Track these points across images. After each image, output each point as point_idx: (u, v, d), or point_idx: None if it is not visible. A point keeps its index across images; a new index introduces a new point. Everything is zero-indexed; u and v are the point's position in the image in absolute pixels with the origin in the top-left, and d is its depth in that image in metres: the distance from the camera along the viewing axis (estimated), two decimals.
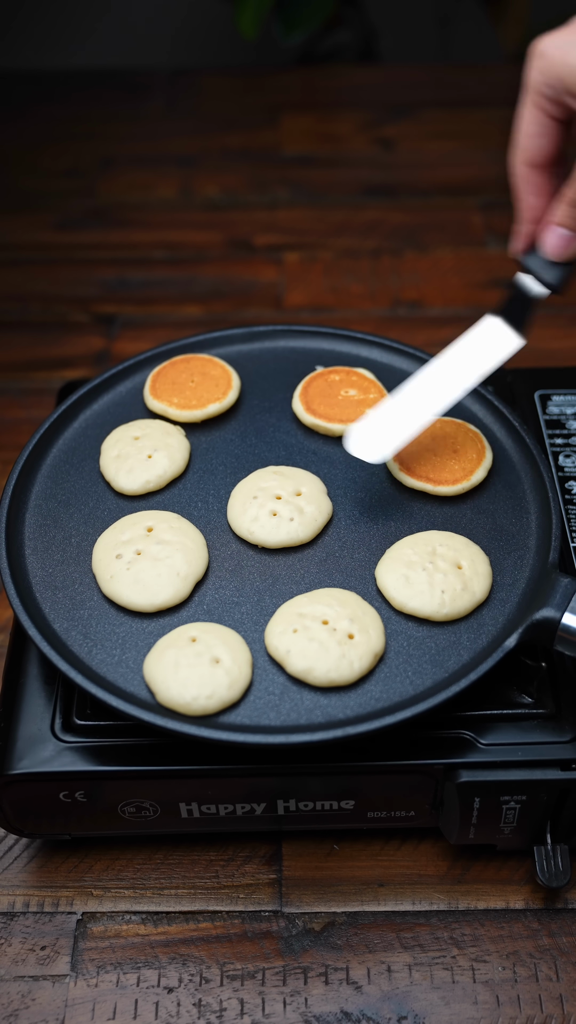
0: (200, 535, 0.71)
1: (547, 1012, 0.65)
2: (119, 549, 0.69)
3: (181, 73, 1.50)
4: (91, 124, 1.40)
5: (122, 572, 0.68)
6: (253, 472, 0.75)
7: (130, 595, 0.67)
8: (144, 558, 0.68)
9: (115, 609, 0.68)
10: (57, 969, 0.68)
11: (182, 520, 0.72)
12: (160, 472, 0.74)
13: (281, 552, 0.71)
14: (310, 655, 0.64)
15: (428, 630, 0.67)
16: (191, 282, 1.17)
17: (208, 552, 0.70)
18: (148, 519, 0.71)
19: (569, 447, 0.81)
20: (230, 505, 0.73)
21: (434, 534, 0.71)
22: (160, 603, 0.67)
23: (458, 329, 1.10)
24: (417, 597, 0.67)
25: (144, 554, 0.69)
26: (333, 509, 0.73)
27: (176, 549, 0.69)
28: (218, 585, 0.69)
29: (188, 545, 0.69)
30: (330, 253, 1.20)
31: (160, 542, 0.69)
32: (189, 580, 0.68)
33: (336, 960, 0.68)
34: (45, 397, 1.03)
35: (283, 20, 1.48)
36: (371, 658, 0.64)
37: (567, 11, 1.57)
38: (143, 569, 0.68)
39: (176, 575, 0.68)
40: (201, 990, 0.67)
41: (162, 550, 0.69)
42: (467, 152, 1.34)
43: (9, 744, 0.65)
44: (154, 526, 0.71)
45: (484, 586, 0.68)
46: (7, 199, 1.29)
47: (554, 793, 0.64)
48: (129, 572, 0.68)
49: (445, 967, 0.67)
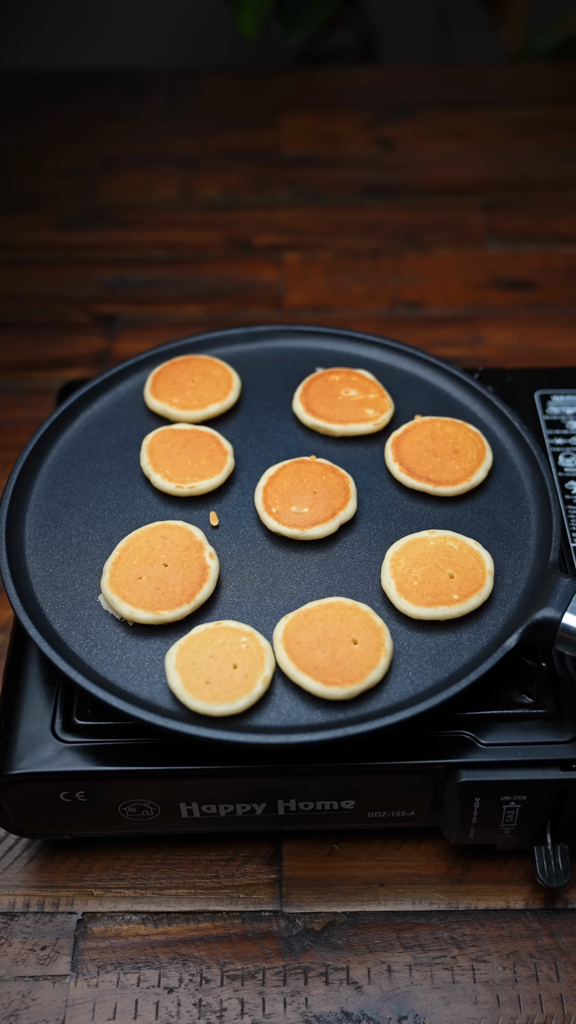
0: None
1: (547, 1012, 0.65)
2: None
3: (181, 73, 1.50)
4: (91, 124, 1.40)
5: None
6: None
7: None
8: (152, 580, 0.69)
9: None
10: (57, 969, 0.68)
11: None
12: None
13: (284, 551, 0.71)
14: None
15: (428, 630, 0.67)
16: (191, 282, 1.17)
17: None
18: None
19: (569, 447, 0.81)
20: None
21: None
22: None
23: (458, 329, 1.11)
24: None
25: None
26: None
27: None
28: (221, 585, 0.69)
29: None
30: (330, 253, 1.20)
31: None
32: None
33: (336, 960, 0.68)
34: (45, 397, 1.03)
35: (283, 20, 1.48)
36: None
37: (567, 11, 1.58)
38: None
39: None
40: (201, 990, 0.67)
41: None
42: (467, 152, 1.34)
43: (9, 744, 0.65)
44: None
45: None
46: (7, 199, 1.29)
47: (554, 793, 0.64)
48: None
49: (445, 967, 0.67)
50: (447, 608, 0.67)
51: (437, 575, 0.68)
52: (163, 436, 0.77)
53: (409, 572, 0.68)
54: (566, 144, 1.34)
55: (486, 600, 0.68)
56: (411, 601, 0.67)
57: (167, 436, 0.77)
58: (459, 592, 0.67)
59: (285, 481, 0.74)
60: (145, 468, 0.75)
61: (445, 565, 0.69)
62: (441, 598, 0.67)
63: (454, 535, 0.71)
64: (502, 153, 1.34)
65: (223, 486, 0.75)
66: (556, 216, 1.24)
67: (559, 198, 1.26)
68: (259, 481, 0.74)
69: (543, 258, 1.18)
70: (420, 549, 0.70)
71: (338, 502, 0.73)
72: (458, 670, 0.65)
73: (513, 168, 1.31)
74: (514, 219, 1.24)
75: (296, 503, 0.72)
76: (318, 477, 0.74)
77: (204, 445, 0.77)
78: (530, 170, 1.30)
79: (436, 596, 0.67)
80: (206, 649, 0.65)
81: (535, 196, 1.27)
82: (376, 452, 0.77)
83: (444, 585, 0.68)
